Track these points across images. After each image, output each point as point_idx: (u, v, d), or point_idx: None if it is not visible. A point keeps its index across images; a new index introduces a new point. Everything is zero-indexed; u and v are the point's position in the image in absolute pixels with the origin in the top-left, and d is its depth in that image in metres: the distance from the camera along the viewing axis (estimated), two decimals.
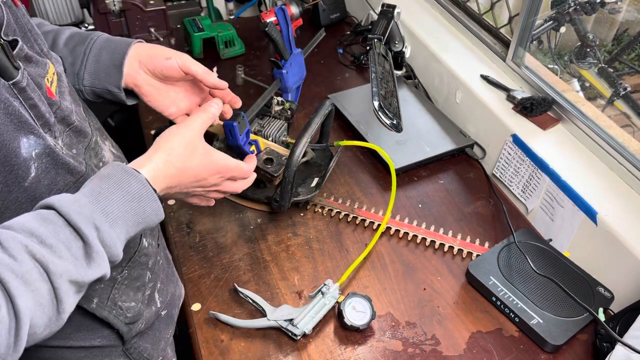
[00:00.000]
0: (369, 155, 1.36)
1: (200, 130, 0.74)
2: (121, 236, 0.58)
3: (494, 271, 1.04)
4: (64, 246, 0.53)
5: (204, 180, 0.73)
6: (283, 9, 1.26)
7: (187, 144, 0.70)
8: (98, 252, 0.55)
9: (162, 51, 0.80)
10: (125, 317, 0.75)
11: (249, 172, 0.82)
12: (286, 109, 1.21)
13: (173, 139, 0.70)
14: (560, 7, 1.72)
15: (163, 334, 0.87)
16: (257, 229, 1.16)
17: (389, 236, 1.16)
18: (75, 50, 0.79)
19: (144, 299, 0.79)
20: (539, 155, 1.18)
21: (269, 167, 1.10)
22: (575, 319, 0.97)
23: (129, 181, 0.60)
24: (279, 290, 1.04)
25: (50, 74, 0.63)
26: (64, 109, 0.64)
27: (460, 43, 1.54)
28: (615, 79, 1.89)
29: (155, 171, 0.65)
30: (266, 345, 0.94)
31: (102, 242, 0.56)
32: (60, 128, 0.63)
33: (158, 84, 0.82)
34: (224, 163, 0.75)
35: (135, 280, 0.77)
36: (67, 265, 0.52)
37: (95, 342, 0.74)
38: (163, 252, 0.88)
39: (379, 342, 0.96)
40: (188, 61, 0.80)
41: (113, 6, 1.63)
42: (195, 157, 0.71)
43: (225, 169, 0.76)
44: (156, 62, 0.79)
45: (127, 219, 0.59)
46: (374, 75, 1.27)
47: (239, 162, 0.78)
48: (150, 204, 0.62)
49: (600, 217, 1.04)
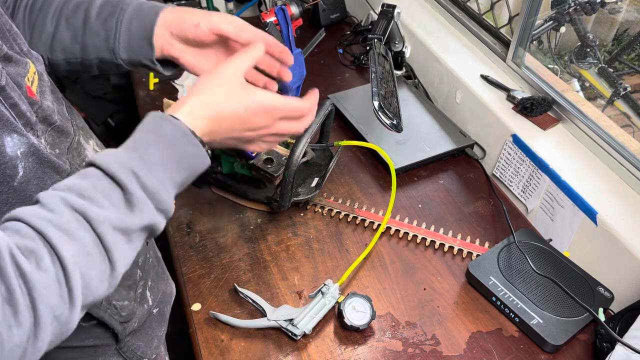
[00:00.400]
0: (369, 155, 1.36)
1: (237, 69, 0.68)
2: (165, 182, 0.57)
3: (494, 271, 1.04)
4: (103, 196, 0.52)
5: (250, 122, 0.68)
6: (283, 9, 1.26)
7: (223, 83, 0.66)
8: (139, 198, 0.54)
9: (189, 16, 0.75)
10: (120, 316, 0.74)
11: (304, 109, 0.75)
12: None
13: (207, 80, 0.66)
14: (560, 7, 1.72)
15: (156, 332, 0.87)
16: (257, 229, 1.16)
17: (389, 236, 1.16)
18: (106, 22, 0.75)
19: (136, 297, 0.78)
20: (539, 155, 1.18)
21: (269, 167, 1.10)
22: (575, 319, 0.97)
23: (164, 125, 0.59)
24: (279, 290, 1.04)
25: (31, 74, 0.62)
26: (45, 109, 0.63)
27: (460, 43, 1.54)
28: (615, 79, 1.89)
29: (191, 114, 0.62)
30: (266, 345, 0.94)
31: (144, 188, 0.54)
32: (42, 127, 0.63)
33: (195, 51, 0.77)
34: (269, 102, 0.69)
35: (127, 279, 0.76)
36: (108, 214, 0.52)
37: (89, 342, 0.74)
38: (152, 250, 0.87)
39: (379, 342, 0.96)
40: (217, 22, 0.74)
41: None
42: (234, 97, 0.66)
43: (272, 107, 0.69)
44: (186, 32, 0.74)
45: (168, 163, 0.57)
46: (374, 75, 1.27)
47: (288, 99, 0.72)
48: (190, 146, 0.60)
49: (600, 217, 1.04)
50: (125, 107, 2.19)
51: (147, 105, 1.48)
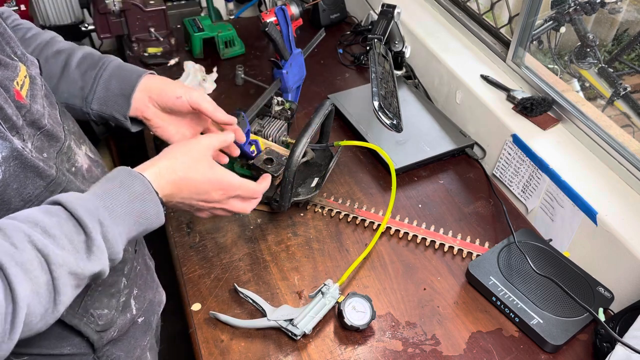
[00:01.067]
0: (369, 155, 1.36)
1: (208, 146, 0.75)
2: (122, 235, 0.59)
3: (494, 271, 1.04)
4: (67, 238, 0.54)
5: (207, 195, 0.74)
6: (283, 9, 1.26)
7: (193, 155, 0.72)
8: (99, 247, 0.56)
9: (172, 88, 0.82)
10: (96, 325, 0.74)
11: (256, 192, 0.81)
12: (286, 109, 1.21)
13: (179, 149, 0.72)
14: (560, 7, 1.72)
15: (139, 342, 0.86)
16: (257, 229, 1.16)
17: (389, 236, 1.16)
18: (86, 74, 0.81)
19: (118, 306, 0.77)
20: (539, 155, 1.18)
21: (269, 167, 1.10)
22: (575, 319, 0.97)
23: (133, 182, 0.62)
24: (279, 290, 1.04)
25: (20, 77, 0.63)
26: (34, 112, 0.63)
27: (460, 43, 1.54)
28: (615, 79, 1.89)
29: (158, 175, 0.67)
30: (266, 345, 0.94)
31: (105, 238, 0.57)
32: (30, 131, 0.63)
33: (167, 116, 0.85)
34: (228, 180, 0.76)
35: (110, 287, 0.76)
36: (68, 257, 0.53)
37: (65, 350, 0.73)
38: (141, 258, 0.87)
39: (379, 342, 0.96)
40: (198, 99, 0.82)
41: (113, 6, 1.62)
42: (199, 169, 0.72)
43: (229, 185, 0.76)
44: (166, 100, 0.82)
45: (129, 218, 0.60)
46: (374, 75, 1.27)
47: (245, 181, 0.78)
48: (153, 205, 0.63)
49: (600, 217, 1.04)
50: None
51: None
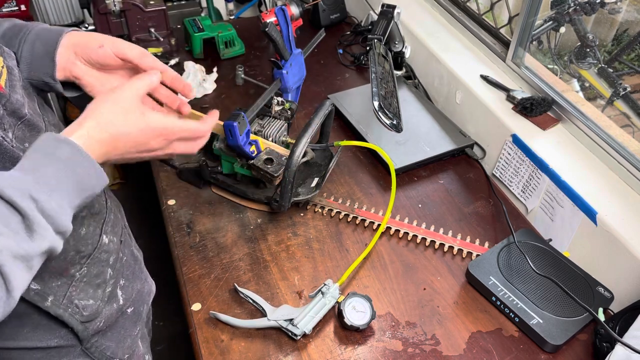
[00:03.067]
0: (369, 155, 1.36)
1: (133, 93, 0.68)
2: (63, 205, 0.56)
3: (494, 271, 1.04)
4: (1, 222, 0.51)
5: (146, 145, 0.69)
6: (283, 9, 1.26)
7: (118, 108, 0.66)
8: (39, 224, 0.53)
9: (94, 39, 0.76)
10: (81, 316, 0.73)
11: (199, 131, 0.75)
12: (286, 109, 1.21)
13: (102, 104, 0.66)
14: (560, 7, 1.72)
15: (129, 332, 0.85)
16: (257, 229, 1.16)
17: (389, 236, 1.16)
18: (11, 41, 0.76)
19: (104, 296, 0.77)
20: (538, 155, 1.18)
21: (269, 167, 1.10)
22: (575, 319, 0.97)
23: (61, 147, 0.58)
24: (279, 290, 1.04)
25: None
26: (14, 102, 0.63)
27: (460, 43, 1.54)
28: (615, 79, 1.89)
29: (86, 137, 0.62)
30: (266, 345, 0.94)
31: (43, 213, 0.54)
32: (11, 121, 0.62)
33: (98, 73, 0.78)
34: (164, 125, 0.69)
35: (96, 278, 0.75)
36: (7, 241, 0.51)
37: (52, 343, 0.72)
38: (128, 249, 0.86)
39: (379, 342, 0.96)
40: (121, 46, 0.76)
41: (113, 6, 1.63)
42: (129, 121, 0.66)
43: (167, 131, 0.70)
44: (90, 52, 0.76)
45: (66, 186, 0.57)
46: (374, 76, 1.27)
47: (185, 123, 0.72)
48: (87, 168, 0.59)
49: (600, 217, 1.04)
50: None
51: None
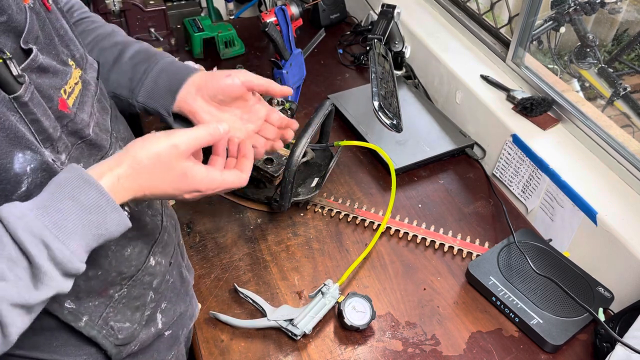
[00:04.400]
0: (369, 155, 1.36)
1: (183, 146, 0.62)
2: (78, 251, 0.53)
3: (494, 271, 1.04)
4: (6, 266, 0.48)
5: (176, 197, 0.65)
6: (283, 9, 1.26)
7: (159, 161, 0.60)
8: (46, 273, 0.50)
9: (221, 72, 0.79)
10: (115, 339, 0.71)
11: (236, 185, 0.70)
12: (286, 109, 1.21)
13: (142, 151, 0.60)
14: (560, 7, 1.72)
15: (163, 355, 0.82)
16: (257, 229, 1.16)
17: (389, 236, 1.16)
18: (137, 67, 0.78)
19: (142, 320, 0.74)
20: (538, 155, 1.18)
21: (269, 167, 1.10)
22: (575, 319, 0.97)
23: (87, 190, 0.54)
24: (279, 290, 1.04)
25: (70, 84, 0.60)
26: (78, 122, 0.61)
27: (460, 43, 1.54)
28: (615, 79, 1.89)
29: (116, 183, 0.58)
30: (266, 345, 0.94)
31: (53, 260, 0.50)
32: (70, 140, 0.61)
33: (214, 110, 0.79)
34: (203, 186, 0.65)
35: (135, 300, 0.72)
36: (8, 289, 0.48)
37: (81, 359, 0.70)
38: (177, 270, 0.83)
39: (379, 342, 0.96)
40: (249, 75, 0.79)
41: (113, 6, 1.62)
42: (166, 180, 0.62)
43: (204, 188, 0.66)
44: (216, 84, 0.78)
45: (83, 232, 0.53)
46: (374, 75, 1.27)
47: (223, 180, 0.67)
48: (111, 215, 0.55)
49: (600, 217, 1.04)
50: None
51: None
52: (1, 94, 0.52)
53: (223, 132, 0.67)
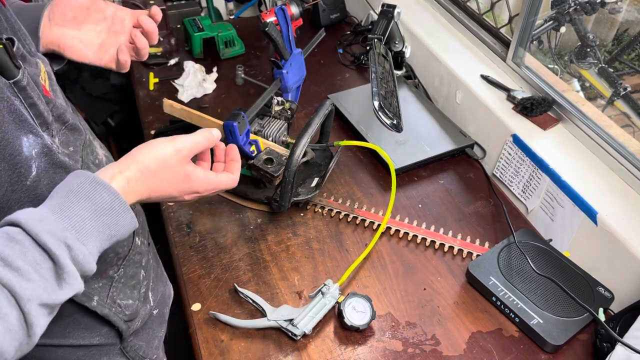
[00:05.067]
0: (369, 155, 1.36)
1: (186, 150, 0.66)
2: (94, 251, 0.55)
3: (494, 271, 1.04)
4: (32, 268, 0.50)
5: (178, 198, 0.69)
6: (283, 9, 1.26)
7: (165, 164, 0.64)
8: (70, 272, 0.52)
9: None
10: (124, 315, 0.75)
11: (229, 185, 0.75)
12: (286, 109, 1.21)
13: (148, 155, 0.64)
14: (560, 7, 1.72)
15: (156, 333, 0.88)
16: (257, 229, 1.15)
17: (389, 236, 1.16)
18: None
19: (140, 297, 0.79)
20: (539, 155, 1.18)
21: (269, 167, 1.10)
22: (575, 319, 0.97)
23: (100, 193, 0.56)
24: (279, 290, 1.04)
25: (42, 73, 0.63)
26: (59, 107, 0.64)
27: (460, 43, 1.54)
28: (615, 79, 1.89)
29: (126, 187, 0.61)
30: (266, 345, 0.94)
31: (74, 260, 0.53)
32: (57, 126, 0.64)
33: (75, 32, 0.76)
34: (202, 187, 0.69)
35: (131, 279, 0.77)
36: (36, 289, 0.50)
37: (94, 341, 0.75)
38: (153, 252, 0.89)
39: (379, 342, 0.96)
40: None
41: None
42: (171, 183, 0.65)
43: (202, 189, 0.70)
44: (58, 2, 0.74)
45: (100, 233, 0.56)
46: (374, 75, 1.27)
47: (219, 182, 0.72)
48: (124, 216, 0.58)
49: (600, 217, 1.04)
50: (125, 107, 2.19)
51: (147, 105, 1.48)
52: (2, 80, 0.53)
53: (217, 136, 0.71)
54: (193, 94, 1.52)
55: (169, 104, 1.18)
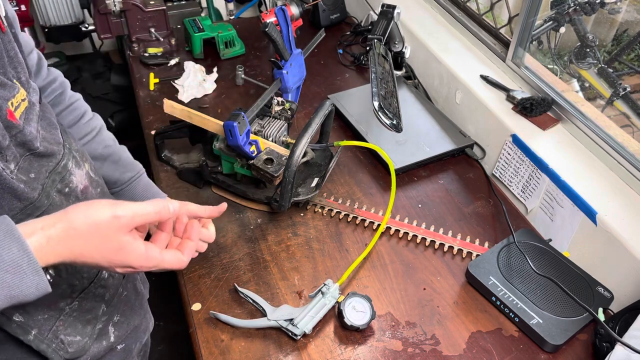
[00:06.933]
0: (369, 155, 1.36)
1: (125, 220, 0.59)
2: None
3: (494, 271, 1.04)
4: None
5: (109, 268, 0.62)
6: (283, 9, 1.26)
7: (97, 230, 0.58)
8: None
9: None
10: (65, 352, 0.69)
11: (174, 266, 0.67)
12: (286, 109, 1.21)
13: (80, 216, 0.57)
14: (560, 8, 1.72)
15: None
16: (257, 229, 1.16)
17: (389, 236, 1.16)
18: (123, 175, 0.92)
19: (93, 333, 0.74)
20: (538, 155, 1.18)
21: (269, 167, 1.10)
22: (575, 319, 0.97)
23: (10, 246, 0.51)
24: (279, 290, 1.04)
25: (17, 99, 0.62)
26: (27, 134, 0.63)
27: (460, 43, 1.54)
28: (614, 79, 1.89)
29: (43, 246, 0.54)
30: (266, 345, 0.95)
31: None
32: (19, 151, 0.62)
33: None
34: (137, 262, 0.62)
35: (87, 313, 0.72)
36: None
37: None
38: (131, 284, 0.83)
39: (379, 342, 0.96)
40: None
41: (113, 6, 1.63)
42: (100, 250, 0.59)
43: (140, 266, 0.63)
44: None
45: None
46: (374, 76, 1.27)
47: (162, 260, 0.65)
48: (30, 277, 0.52)
49: (600, 217, 1.04)
50: (125, 107, 2.19)
51: (147, 105, 1.48)
52: None
53: (173, 211, 0.65)
54: (193, 94, 1.53)
55: (170, 105, 1.19)
